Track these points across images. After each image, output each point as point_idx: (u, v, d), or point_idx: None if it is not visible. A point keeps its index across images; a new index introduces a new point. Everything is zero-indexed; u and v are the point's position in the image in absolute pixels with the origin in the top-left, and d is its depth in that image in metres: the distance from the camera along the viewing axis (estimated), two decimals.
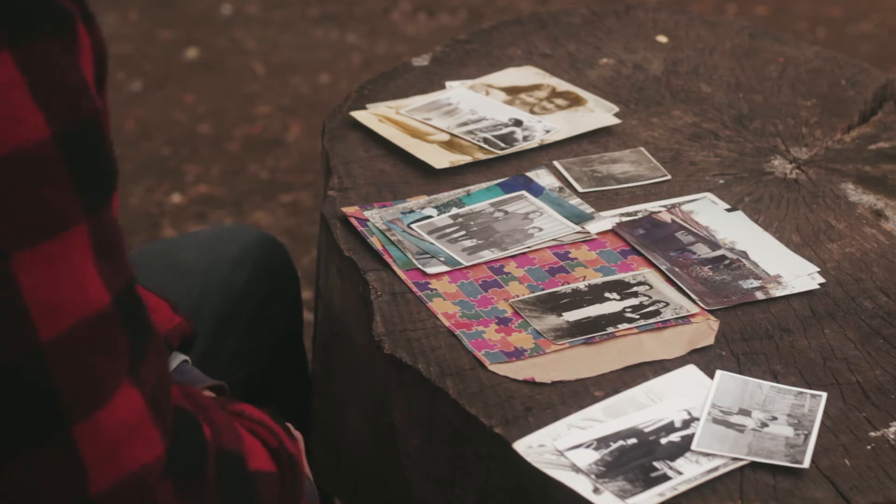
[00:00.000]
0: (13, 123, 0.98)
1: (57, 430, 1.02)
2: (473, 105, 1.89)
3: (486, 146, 1.79)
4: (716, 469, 1.27)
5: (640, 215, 1.66)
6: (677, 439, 1.30)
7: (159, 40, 4.32)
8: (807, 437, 1.31)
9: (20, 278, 0.98)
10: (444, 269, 1.56)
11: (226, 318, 1.69)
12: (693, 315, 1.48)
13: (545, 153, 1.80)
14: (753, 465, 1.28)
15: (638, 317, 1.48)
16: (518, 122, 1.85)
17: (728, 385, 1.38)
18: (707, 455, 1.28)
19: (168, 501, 1.08)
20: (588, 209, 1.67)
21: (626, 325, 1.46)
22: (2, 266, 0.98)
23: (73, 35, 1.03)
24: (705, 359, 1.42)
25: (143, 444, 1.05)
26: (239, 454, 1.17)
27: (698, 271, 1.56)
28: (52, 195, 1.00)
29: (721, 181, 1.75)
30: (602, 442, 1.30)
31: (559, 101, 1.92)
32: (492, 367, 1.40)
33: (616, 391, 1.37)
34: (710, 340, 1.45)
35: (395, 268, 1.55)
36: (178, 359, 1.44)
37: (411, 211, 1.66)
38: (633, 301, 1.50)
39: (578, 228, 1.63)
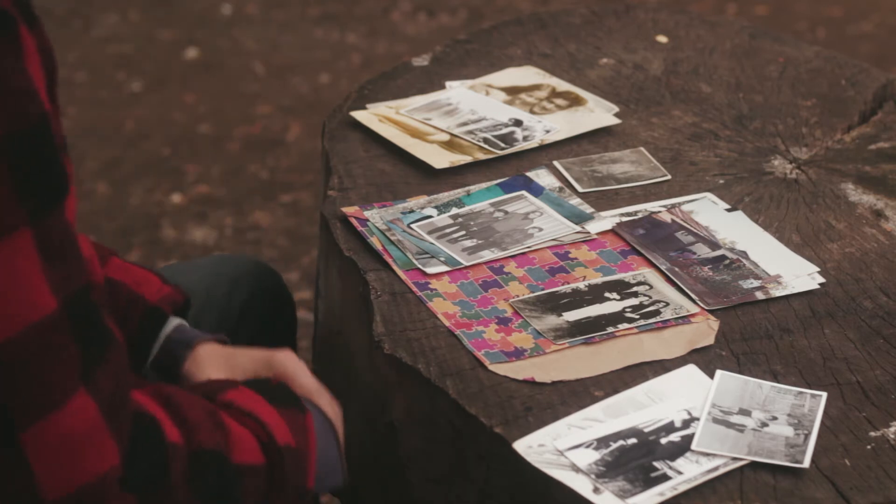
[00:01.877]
0: None
1: (4, 437, 1.01)
2: (473, 105, 1.89)
3: (486, 146, 1.79)
4: (716, 469, 1.27)
5: (640, 215, 1.66)
6: (677, 439, 1.30)
7: (159, 40, 4.32)
8: (807, 437, 1.31)
9: None
10: (444, 269, 1.56)
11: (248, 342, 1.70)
12: (693, 315, 1.48)
13: (545, 153, 1.80)
14: (753, 464, 1.28)
15: (638, 317, 1.48)
16: (518, 122, 1.85)
17: (728, 385, 1.38)
18: (707, 455, 1.28)
19: None
20: (588, 209, 1.67)
21: (626, 325, 1.46)
22: None
23: (15, 38, 1.03)
24: (705, 359, 1.42)
25: (97, 454, 1.04)
26: (218, 451, 1.16)
27: (698, 271, 1.56)
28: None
29: (721, 181, 1.75)
30: (602, 442, 1.30)
31: (559, 101, 1.92)
32: (492, 367, 1.40)
33: (616, 391, 1.37)
34: (710, 340, 1.45)
35: (395, 268, 1.55)
36: (173, 322, 1.46)
37: (411, 211, 1.66)
38: (633, 301, 1.50)
39: (578, 228, 1.63)
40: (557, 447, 1.29)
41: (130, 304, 1.48)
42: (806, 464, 1.28)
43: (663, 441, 1.30)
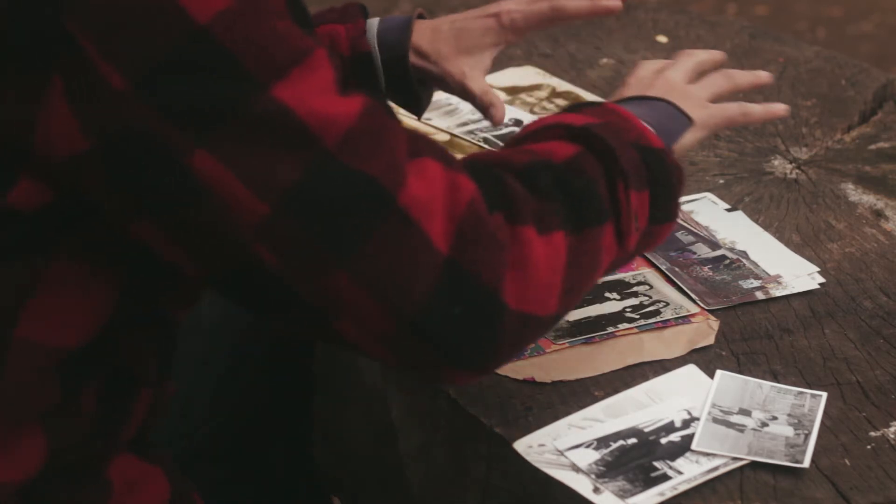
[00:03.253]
0: None
1: (384, 209, 1.09)
2: None
3: (486, 146, 1.79)
4: (716, 469, 1.27)
5: None
6: (677, 439, 1.30)
7: None
8: (807, 436, 1.31)
9: (288, 102, 1.07)
10: None
11: (249, 339, 1.70)
12: (693, 315, 1.48)
13: None
14: (753, 464, 1.28)
15: (638, 316, 1.48)
16: (518, 123, 1.85)
17: (728, 385, 1.38)
18: (707, 455, 1.28)
19: (506, 231, 1.14)
20: None
21: (626, 325, 1.46)
22: (268, 97, 1.07)
23: None
24: (705, 359, 1.42)
25: (458, 188, 1.13)
26: (541, 160, 1.23)
27: (698, 271, 1.56)
28: (285, 28, 1.09)
29: (721, 181, 1.75)
30: (602, 442, 1.30)
31: (559, 102, 1.92)
32: None
33: (616, 391, 1.37)
34: (710, 340, 1.45)
35: None
36: (374, 46, 1.60)
37: None
38: (633, 301, 1.50)
39: None
40: (557, 447, 1.29)
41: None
42: (806, 464, 1.28)
43: (663, 441, 1.30)
